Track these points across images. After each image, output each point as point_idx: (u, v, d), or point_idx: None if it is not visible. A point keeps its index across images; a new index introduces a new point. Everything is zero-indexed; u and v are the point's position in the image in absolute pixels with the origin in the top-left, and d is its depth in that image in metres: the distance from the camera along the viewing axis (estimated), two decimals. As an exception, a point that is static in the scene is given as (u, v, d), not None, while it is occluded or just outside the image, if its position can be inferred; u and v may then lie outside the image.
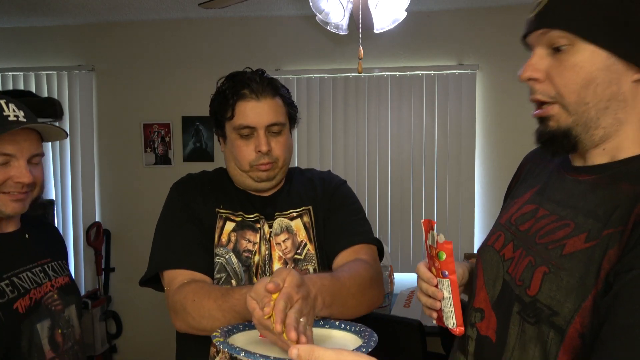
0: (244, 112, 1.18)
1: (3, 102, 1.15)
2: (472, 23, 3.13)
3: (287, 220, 1.23)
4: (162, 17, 3.29)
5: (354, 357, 0.59)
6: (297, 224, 1.23)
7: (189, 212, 1.21)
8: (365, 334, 0.89)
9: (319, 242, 1.23)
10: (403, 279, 3.15)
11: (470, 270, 0.99)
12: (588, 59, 0.73)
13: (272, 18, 3.29)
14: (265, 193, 1.27)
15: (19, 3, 2.97)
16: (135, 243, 3.39)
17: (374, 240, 1.26)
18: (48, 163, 3.44)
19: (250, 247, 1.19)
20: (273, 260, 1.19)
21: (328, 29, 1.88)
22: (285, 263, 1.19)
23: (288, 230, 1.22)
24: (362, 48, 1.87)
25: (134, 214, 3.46)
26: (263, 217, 1.23)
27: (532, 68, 0.79)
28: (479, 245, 0.96)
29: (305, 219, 1.24)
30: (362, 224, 1.27)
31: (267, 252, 1.20)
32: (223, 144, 1.28)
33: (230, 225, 1.20)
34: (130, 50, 3.43)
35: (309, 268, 1.20)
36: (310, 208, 1.26)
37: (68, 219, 3.49)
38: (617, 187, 0.73)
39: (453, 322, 0.86)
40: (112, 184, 3.51)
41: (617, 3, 0.72)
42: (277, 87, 1.22)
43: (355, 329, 0.94)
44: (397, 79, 3.19)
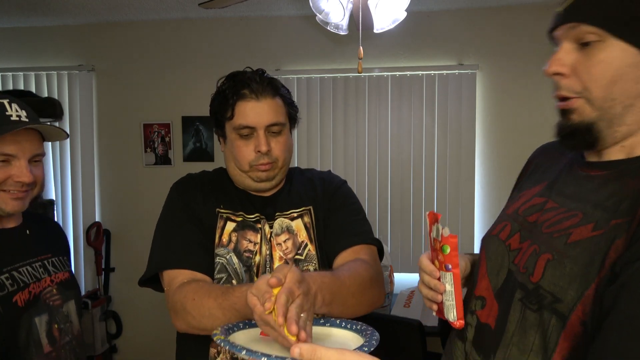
0: (244, 112, 1.18)
1: (6, 101, 1.16)
2: (472, 23, 3.13)
3: (287, 221, 1.23)
4: (162, 17, 3.29)
5: (357, 357, 0.58)
6: (297, 224, 1.23)
7: (189, 212, 1.21)
8: (367, 333, 0.89)
9: (320, 242, 1.23)
10: (403, 279, 3.16)
11: (473, 262, 0.99)
12: (618, 56, 0.73)
13: (272, 18, 3.29)
14: (266, 193, 1.27)
15: (19, 3, 2.97)
16: (135, 243, 3.39)
17: (374, 241, 1.26)
18: (48, 163, 3.44)
19: (251, 247, 1.19)
20: (274, 261, 1.19)
21: (328, 29, 1.88)
22: (286, 263, 1.19)
23: (289, 231, 1.22)
24: (362, 48, 1.87)
25: (134, 214, 3.46)
26: (264, 217, 1.22)
27: (558, 62, 0.78)
28: (483, 235, 0.95)
29: (306, 219, 1.24)
30: (362, 225, 1.27)
31: (267, 252, 1.19)
32: (223, 144, 1.28)
33: (231, 226, 1.20)
34: (130, 50, 3.43)
35: (310, 268, 1.19)
36: (311, 208, 1.26)
37: (68, 219, 3.49)
38: (628, 180, 0.73)
39: (454, 315, 0.86)
40: (112, 184, 3.51)
41: None
42: (277, 87, 1.22)
43: (357, 328, 0.93)
44: (397, 79, 3.19)
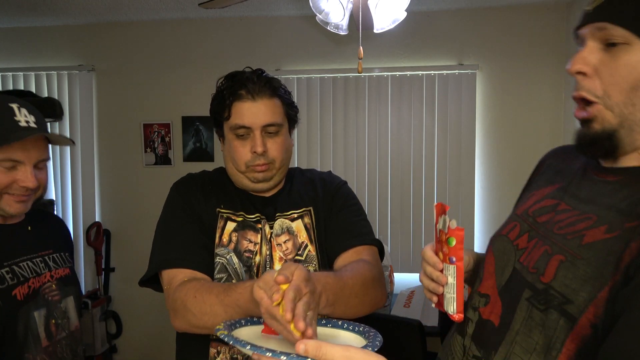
0: (240, 112, 1.18)
1: (15, 106, 1.16)
2: (472, 23, 3.13)
3: (288, 221, 1.23)
4: (162, 17, 3.29)
5: (362, 354, 0.58)
6: (298, 225, 1.23)
7: (190, 211, 1.21)
8: (370, 335, 0.89)
9: (320, 243, 1.23)
10: (403, 279, 3.16)
11: (477, 260, 0.98)
12: None
13: (272, 18, 3.29)
14: (266, 193, 1.27)
15: (19, 3, 2.97)
16: (135, 243, 3.39)
17: (375, 242, 1.26)
18: (48, 163, 3.44)
19: (252, 247, 1.19)
20: (274, 261, 1.19)
21: (328, 29, 1.88)
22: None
23: (289, 232, 1.22)
24: (362, 48, 1.87)
25: (134, 214, 3.46)
26: (264, 217, 1.22)
27: (582, 61, 0.77)
28: (491, 235, 0.95)
29: (306, 220, 1.24)
30: (363, 226, 1.27)
31: (268, 252, 1.19)
32: (222, 144, 1.28)
33: (231, 225, 1.20)
34: (130, 50, 3.43)
35: (310, 269, 1.19)
36: (311, 209, 1.26)
37: (68, 219, 3.49)
38: None
39: (453, 308, 0.86)
40: (112, 184, 3.51)
41: None
42: (274, 87, 1.21)
43: (359, 329, 0.93)
44: (397, 79, 3.19)
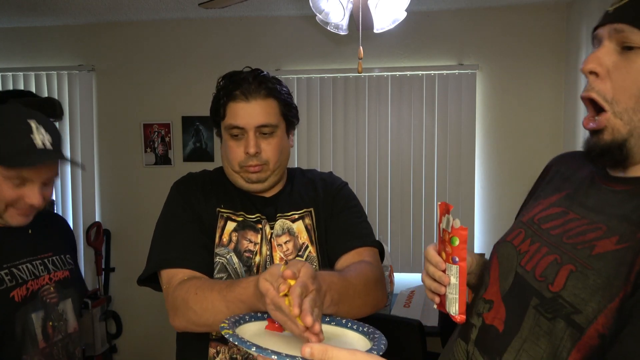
0: (234, 112, 1.18)
1: (34, 123, 1.15)
2: (472, 23, 3.13)
3: (288, 222, 1.23)
4: (162, 17, 3.29)
5: (368, 358, 0.58)
6: (298, 226, 1.23)
7: (190, 211, 1.21)
8: (375, 337, 0.88)
9: (321, 244, 1.23)
10: (403, 279, 3.16)
11: (480, 264, 0.98)
12: None
13: (272, 18, 3.29)
14: (266, 193, 1.26)
15: (19, 3, 2.97)
16: (135, 243, 3.39)
17: (376, 243, 1.26)
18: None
19: (252, 247, 1.19)
20: (274, 262, 1.19)
21: (328, 29, 1.88)
22: (286, 263, 1.19)
23: (289, 232, 1.22)
24: (362, 48, 1.87)
25: (134, 214, 3.46)
26: (264, 217, 1.22)
27: (596, 61, 0.76)
28: (491, 243, 0.95)
29: (307, 221, 1.24)
30: (364, 227, 1.27)
31: (268, 253, 1.19)
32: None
33: (232, 225, 1.20)
34: (130, 50, 3.43)
35: None
36: (312, 210, 1.25)
37: (68, 219, 3.48)
38: None
39: (455, 309, 0.85)
40: (112, 184, 3.51)
41: None
42: (270, 88, 1.19)
43: (364, 330, 0.93)
44: (397, 79, 3.19)
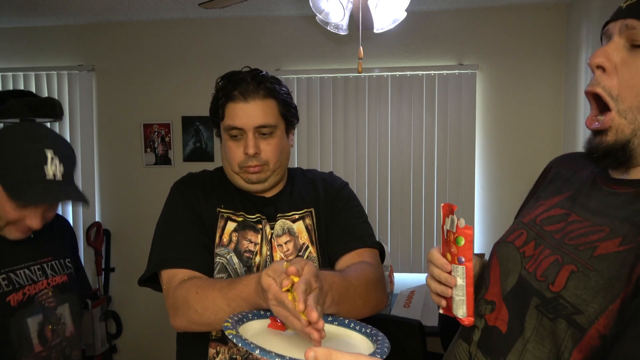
0: (233, 113, 1.17)
1: (50, 154, 1.13)
2: (472, 23, 3.13)
3: (289, 222, 1.22)
4: (162, 17, 3.29)
5: None
6: (299, 226, 1.23)
7: (190, 211, 1.20)
8: (378, 339, 0.88)
9: (321, 244, 1.23)
10: (403, 279, 3.16)
11: (481, 264, 0.98)
12: None
13: (272, 18, 3.29)
14: (267, 194, 1.26)
15: (19, 3, 2.97)
16: (135, 243, 3.39)
17: (377, 244, 1.25)
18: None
19: (252, 247, 1.19)
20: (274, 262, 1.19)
21: (328, 29, 1.88)
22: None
23: (290, 233, 1.22)
24: (362, 48, 1.87)
25: (134, 214, 3.46)
26: (265, 217, 1.22)
27: (605, 55, 0.74)
28: (491, 242, 0.94)
29: (308, 222, 1.24)
30: (365, 228, 1.26)
31: (268, 253, 1.19)
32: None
33: (232, 225, 1.20)
34: (130, 50, 3.43)
35: None
36: (312, 210, 1.25)
37: (68, 219, 3.47)
38: None
39: (463, 311, 0.83)
40: (112, 184, 3.51)
41: None
42: (269, 87, 1.18)
43: (366, 331, 0.93)
44: (397, 79, 3.19)
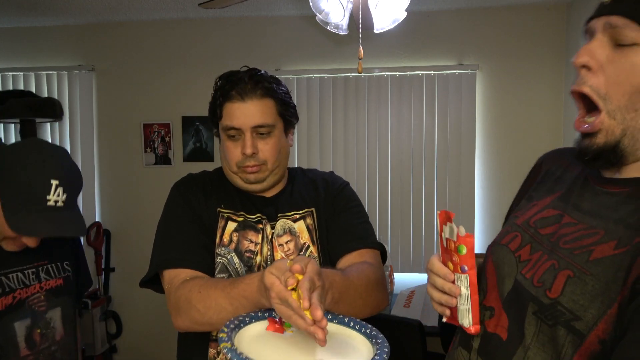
0: (230, 113, 1.17)
1: (55, 183, 1.14)
2: (472, 23, 3.13)
3: (290, 222, 1.22)
4: (162, 17, 3.29)
5: None
6: (300, 226, 1.22)
7: (190, 211, 1.20)
8: (378, 341, 0.87)
9: (322, 244, 1.23)
10: (403, 279, 3.16)
11: (478, 268, 0.97)
12: None
13: (272, 18, 3.29)
14: (267, 193, 1.26)
15: (19, 3, 2.97)
16: (135, 243, 3.39)
17: (378, 245, 1.25)
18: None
19: (252, 247, 1.19)
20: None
21: (328, 29, 1.88)
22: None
23: (291, 232, 1.21)
24: (362, 48, 1.87)
25: (134, 214, 3.46)
26: (265, 217, 1.22)
27: (589, 53, 0.72)
28: (490, 243, 0.92)
29: (309, 221, 1.23)
30: (366, 228, 1.26)
31: (269, 253, 1.19)
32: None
33: (232, 225, 1.20)
34: (130, 50, 3.43)
35: None
36: (313, 210, 1.25)
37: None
38: None
39: (469, 320, 0.81)
40: (112, 184, 3.51)
41: None
42: (267, 87, 1.18)
43: (366, 332, 0.92)
44: (397, 79, 3.19)
